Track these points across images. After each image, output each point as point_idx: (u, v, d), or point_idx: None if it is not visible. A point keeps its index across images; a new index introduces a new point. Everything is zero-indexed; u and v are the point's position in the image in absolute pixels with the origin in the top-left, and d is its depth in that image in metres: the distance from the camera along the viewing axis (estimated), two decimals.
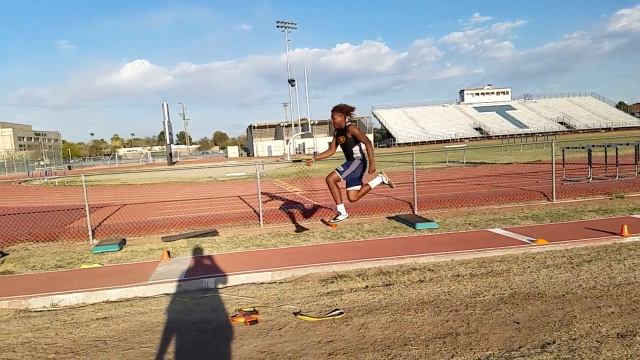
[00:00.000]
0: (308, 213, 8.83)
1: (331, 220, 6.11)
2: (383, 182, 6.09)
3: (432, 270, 4.76)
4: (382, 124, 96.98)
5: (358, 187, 6.02)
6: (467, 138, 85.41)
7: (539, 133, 71.09)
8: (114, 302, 4.42)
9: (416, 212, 8.31)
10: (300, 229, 7.26)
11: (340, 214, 6.02)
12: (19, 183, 27.17)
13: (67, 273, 5.50)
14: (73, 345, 3.42)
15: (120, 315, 4.02)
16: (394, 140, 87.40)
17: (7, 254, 6.85)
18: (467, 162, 22.47)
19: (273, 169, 27.11)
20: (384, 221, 7.75)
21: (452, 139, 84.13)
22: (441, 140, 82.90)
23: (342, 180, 5.86)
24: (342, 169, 5.84)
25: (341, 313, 3.70)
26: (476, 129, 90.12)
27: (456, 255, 5.21)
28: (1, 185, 25.78)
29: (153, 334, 3.56)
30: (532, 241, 5.60)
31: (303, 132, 62.75)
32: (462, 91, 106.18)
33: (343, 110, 5.77)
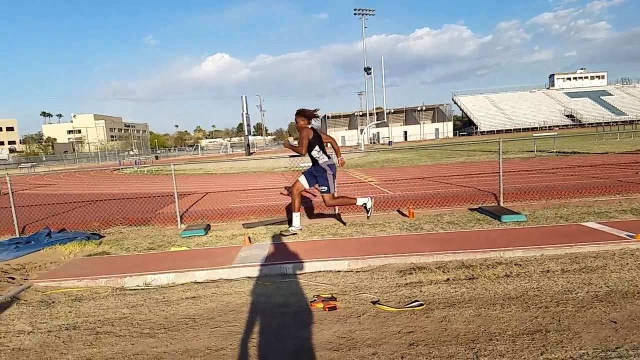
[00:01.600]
0: (384, 203, 8.74)
1: (368, 215, 6.45)
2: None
3: (520, 265, 4.50)
4: (462, 110, 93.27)
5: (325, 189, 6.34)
6: (557, 126, 79.88)
7: (638, 120, 64.46)
8: (202, 282, 4.68)
9: (502, 204, 7.90)
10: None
11: (367, 204, 6.35)
12: (112, 171, 29.77)
13: (158, 255, 5.88)
14: (165, 321, 3.66)
15: (208, 295, 4.24)
16: (476, 128, 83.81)
17: (104, 236, 7.49)
18: (557, 152, 20.98)
19: (347, 159, 27.12)
20: (466, 213, 7.45)
21: (540, 127, 79.00)
22: (528, 128, 78.21)
23: (336, 194, 6.26)
24: (326, 188, 6.23)
25: (421, 305, 3.62)
26: (567, 116, 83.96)
27: (546, 250, 4.88)
28: (97, 173, 28.36)
29: (238, 314, 3.72)
30: (631, 237, 5.10)
31: (378, 121, 62.16)
32: (551, 76, 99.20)
33: (303, 114, 6.03)
